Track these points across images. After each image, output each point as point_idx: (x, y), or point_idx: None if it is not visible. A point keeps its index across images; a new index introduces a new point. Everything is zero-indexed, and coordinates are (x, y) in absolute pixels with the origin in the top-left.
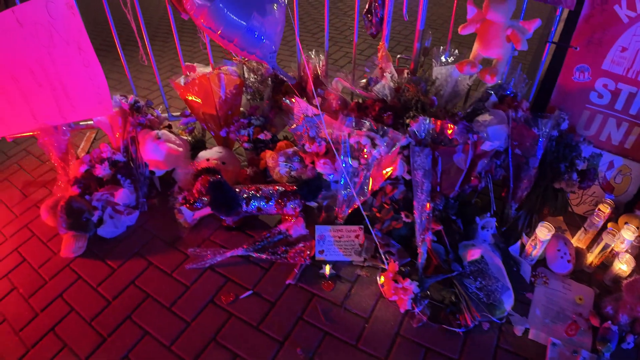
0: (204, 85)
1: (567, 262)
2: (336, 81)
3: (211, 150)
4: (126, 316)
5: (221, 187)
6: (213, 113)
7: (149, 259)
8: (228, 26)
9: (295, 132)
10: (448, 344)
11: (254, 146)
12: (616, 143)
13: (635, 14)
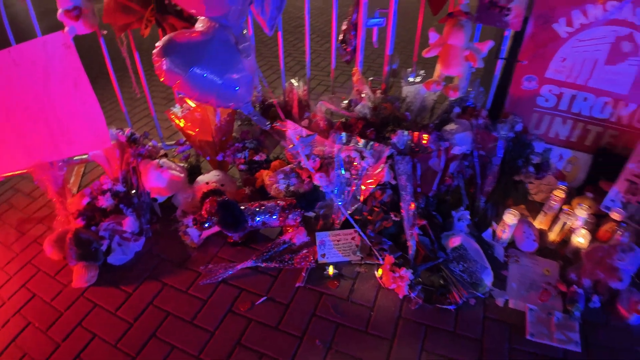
0: (200, 114)
1: (533, 241)
2: (320, 104)
3: (209, 175)
4: (151, 335)
5: (229, 206)
6: (209, 139)
7: (162, 280)
8: (203, 91)
9: (293, 151)
10: (443, 319)
11: (249, 167)
12: (564, 138)
13: (573, 29)
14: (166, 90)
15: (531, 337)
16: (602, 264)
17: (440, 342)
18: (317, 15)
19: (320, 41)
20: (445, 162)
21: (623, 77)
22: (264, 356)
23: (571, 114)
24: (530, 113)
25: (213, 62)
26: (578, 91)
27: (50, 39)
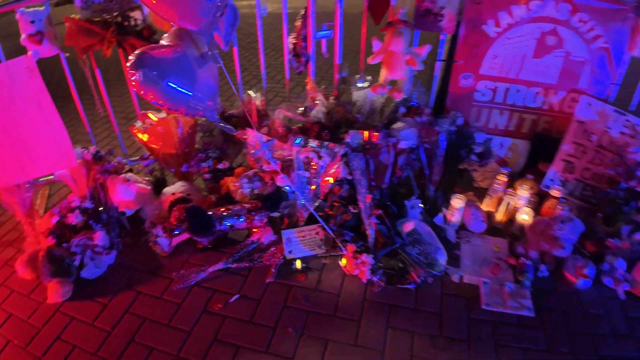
0: (164, 128)
1: (481, 222)
2: (278, 112)
3: (174, 186)
4: (129, 340)
5: (197, 212)
6: (173, 152)
7: (136, 289)
8: (174, 101)
9: (254, 156)
10: (405, 298)
11: (213, 176)
12: (502, 128)
13: (501, 29)
14: (126, 110)
15: (486, 306)
16: (544, 235)
17: (404, 318)
18: (270, 31)
19: (274, 55)
20: (394, 157)
21: (551, 68)
22: (240, 348)
23: (507, 105)
24: (470, 108)
25: (184, 76)
26: (511, 84)
27: (13, 63)
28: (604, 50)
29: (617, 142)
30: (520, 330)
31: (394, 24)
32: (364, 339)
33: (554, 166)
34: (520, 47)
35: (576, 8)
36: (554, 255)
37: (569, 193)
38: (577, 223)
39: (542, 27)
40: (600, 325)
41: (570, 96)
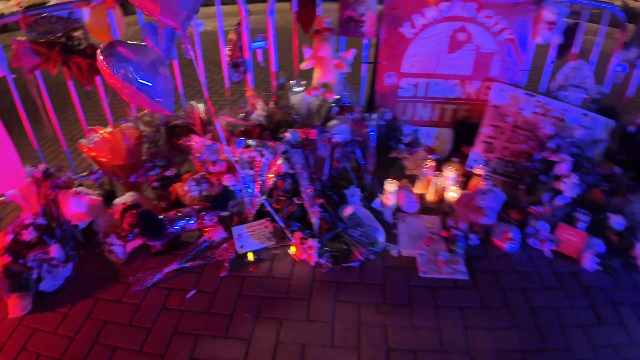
0: (111, 141)
1: (414, 203)
2: (221, 118)
3: (124, 196)
4: (92, 342)
5: (148, 216)
6: (121, 163)
7: (95, 296)
8: (138, 90)
9: (200, 159)
10: (350, 275)
11: (162, 184)
12: (427, 119)
13: (416, 30)
14: (72, 132)
15: (424, 274)
16: (469, 207)
17: (350, 292)
18: (209, 48)
19: (216, 70)
20: (330, 150)
21: (464, 62)
22: (200, 337)
23: (428, 98)
24: (396, 103)
25: (147, 68)
26: (430, 79)
27: None
28: (510, 41)
29: (530, 121)
30: (457, 291)
31: (321, 32)
32: (315, 314)
33: (475, 148)
34: (435, 45)
35: (481, 5)
36: (481, 223)
37: (492, 170)
38: (497, 193)
39: (452, 25)
40: (530, 280)
41: (485, 84)
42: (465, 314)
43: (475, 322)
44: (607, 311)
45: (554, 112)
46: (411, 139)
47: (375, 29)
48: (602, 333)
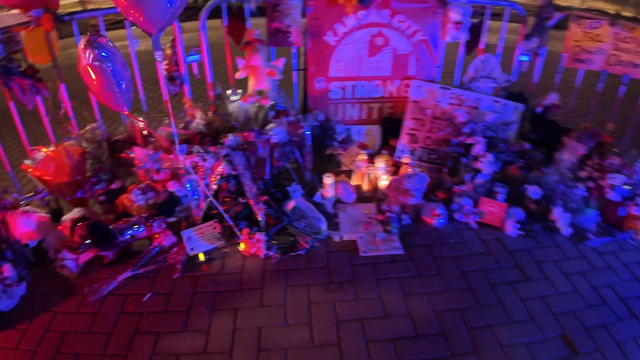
0: (56, 159)
1: (351, 193)
2: (161, 129)
3: (72, 212)
4: (55, 352)
5: (98, 226)
6: (66, 180)
7: (52, 310)
8: (111, 82)
9: (144, 168)
10: (298, 262)
11: (108, 197)
12: (357, 118)
13: (339, 37)
14: (15, 153)
15: (364, 253)
16: (398, 190)
17: (299, 277)
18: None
19: (153, 88)
20: (270, 151)
21: (384, 63)
22: (160, 334)
23: (356, 99)
24: (327, 105)
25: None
26: (355, 81)
27: None
28: (423, 42)
29: (447, 111)
30: (394, 265)
31: (252, 44)
32: (267, 300)
33: (401, 140)
34: (357, 50)
35: (394, 11)
36: (410, 204)
37: (418, 158)
38: (422, 176)
39: (370, 31)
40: (459, 249)
41: (404, 83)
42: (403, 283)
43: (413, 289)
44: (532, 269)
45: (468, 102)
46: (344, 137)
47: (302, 38)
48: (529, 287)
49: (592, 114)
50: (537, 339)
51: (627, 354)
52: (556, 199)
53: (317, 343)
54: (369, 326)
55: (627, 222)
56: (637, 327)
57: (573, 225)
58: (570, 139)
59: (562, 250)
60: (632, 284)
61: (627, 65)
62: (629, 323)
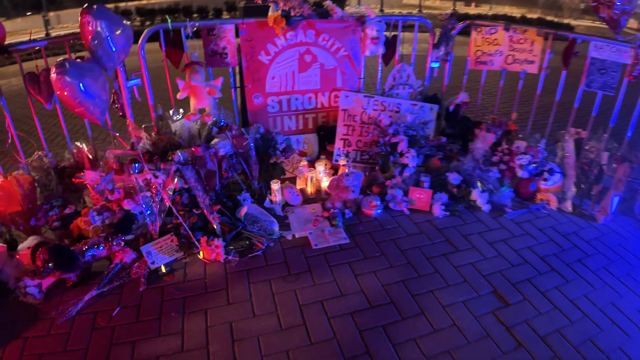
0: (6, 189)
1: (297, 196)
2: (108, 153)
3: (27, 241)
4: None
5: (59, 248)
6: (19, 209)
7: (22, 336)
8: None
9: (98, 190)
10: (257, 262)
11: (62, 223)
12: (295, 128)
13: (271, 56)
14: None
15: (316, 246)
16: (339, 188)
17: (260, 274)
18: None
19: None
20: (217, 163)
21: (313, 78)
22: (136, 342)
23: (292, 111)
24: (267, 118)
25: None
26: (290, 95)
27: None
28: (347, 57)
29: (373, 116)
30: (343, 252)
31: (190, 65)
32: (234, 298)
33: (336, 145)
34: (289, 67)
35: (319, 32)
36: (351, 199)
37: (353, 160)
38: (357, 173)
39: (299, 49)
40: (397, 233)
41: (334, 94)
42: (353, 266)
43: (361, 270)
44: (460, 241)
45: (390, 107)
46: (284, 147)
47: (237, 59)
48: (460, 256)
49: (498, 107)
50: (472, 296)
51: (552, 299)
52: (474, 182)
53: (285, 326)
54: (328, 305)
55: (538, 195)
56: (557, 278)
57: (491, 202)
58: (481, 130)
59: (484, 224)
60: (548, 245)
61: (523, 62)
62: (550, 275)
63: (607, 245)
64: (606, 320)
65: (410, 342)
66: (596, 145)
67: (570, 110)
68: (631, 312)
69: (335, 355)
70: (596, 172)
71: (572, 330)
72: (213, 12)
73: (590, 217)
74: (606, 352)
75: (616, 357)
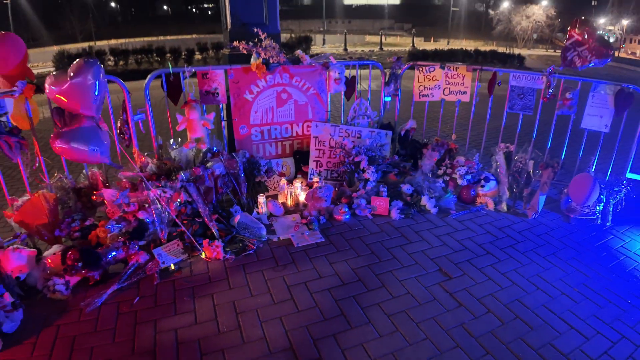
0: (35, 204)
1: (280, 208)
2: (121, 174)
3: (52, 249)
4: (70, 351)
5: (88, 250)
6: (45, 222)
7: (55, 324)
8: (84, 154)
9: (117, 203)
10: (250, 258)
11: (82, 233)
12: (275, 154)
13: (254, 95)
14: None
15: (297, 244)
16: (314, 199)
17: (254, 266)
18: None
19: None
20: (214, 181)
21: (289, 112)
22: (157, 320)
23: (272, 139)
24: (251, 145)
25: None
26: (270, 126)
27: None
28: (315, 95)
29: (339, 142)
30: (320, 248)
31: (189, 102)
32: (234, 284)
33: (310, 166)
34: (268, 103)
35: (292, 75)
36: (324, 207)
37: (325, 178)
38: (328, 187)
39: (277, 89)
40: (363, 232)
41: (306, 124)
42: (328, 257)
43: (335, 259)
44: (413, 236)
45: (353, 134)
46: (267, 169)
47: (226, 97)
48: (412, 246)
49: (440, 130)
50: (422, 273)
51: (486, 273)
52: (424, 190)
53: (277, 301)
54: (310, 285)
55: (478, 199)
56: (491, 259)
57: (438, 206)
58: (427, 150)
59: (432, 223)
60: (485, 236)
61: (457, 93)
62: (485, 257)
63: (535, 234)
64: (532, 287)
65: (374, 306)
66: (523, 156)
67: (499, 129)
68: (554, 280)
69: (318, 318)
70: (525, 178)
71: (503, 293)
72: (186, 52)
73: (523, 214)
74: (532, 309)
75: (541, 313)
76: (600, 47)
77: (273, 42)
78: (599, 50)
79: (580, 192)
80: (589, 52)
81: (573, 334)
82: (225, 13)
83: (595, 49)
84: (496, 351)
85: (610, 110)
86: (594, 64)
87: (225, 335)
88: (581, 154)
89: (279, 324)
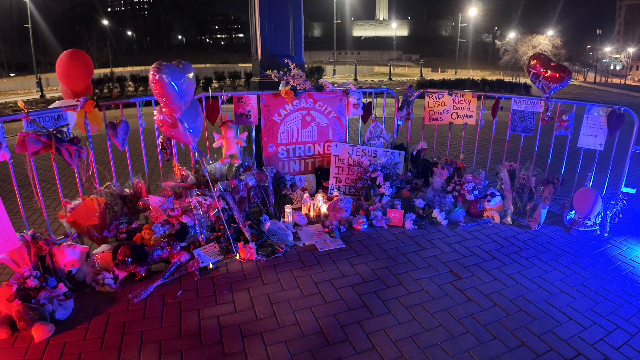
0: (89, 206)
1: (304, 218)
2: (164, 184)
3: (100, 247)
4: (122, 335)
5: (137, 247)
6: (96, 223)
7: (105, 312)
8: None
9: (162, 208)
10: (279, 260)
11: (127, 235)
12: (299, 170)
13: (282, 117)
14: None
15: (321, 249)
16: (335, 209)
17: (284, 266)
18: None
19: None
20: (247, 192)
21: (312, 133)
22: (200, 309)
23: (297, 157)
24: (278, 162)
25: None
26: (295, 145)
27: None
28: (336, 118)
29: (357, 160)
30: (341, 253)
31: (226, 122)
32: (267, 280)
33: (330, 182)
34: (294, 125)
35: (315, 100)
36: (345, 218)
37: (344, 192)
38: (348, 199)
39: (302, 112)
40: (380, 240)
41: (327, 144)
42: (349, 260)
43: (356, 262)
44: (425, 243)
45: (369, 153)
46: (291, 183)
47: (257, 119)
48: (426, 252)
49: (449, 150)
50: (435, 274)
51: (493, 274)
52: (435, 205)
53: (307, 294)
54: (335, 282)
55: (485, 213)
56: (497, 263)
57: (448, 219)
58: (438, 168)
59: (443, 233)
60: (491, 244)
61: (464, 117)
62: (492, 261)
63: (538, 243)
64: (534, 286)
65: (393, 300)
66: (526, 173)
67: (503, 149)
68: (555, 281)
69: (344, 308)
70: (528, 193)
71: (508, 291)
72: (203, 80)
73: (526, 226)
74: (535, 304)
75: (543, 307)
76: (554, 74)
77: (300, 72)
78: (554, 77)
79: (584, 204)
80: (547, 81)
81: (572, 324)
82: (257, 45)
83: (550, 77)
84: (502, 336)
85: (603, 130)
86: (555, 89)
87: (263, 321)
88: (579, 170)
89: (309, 312)
